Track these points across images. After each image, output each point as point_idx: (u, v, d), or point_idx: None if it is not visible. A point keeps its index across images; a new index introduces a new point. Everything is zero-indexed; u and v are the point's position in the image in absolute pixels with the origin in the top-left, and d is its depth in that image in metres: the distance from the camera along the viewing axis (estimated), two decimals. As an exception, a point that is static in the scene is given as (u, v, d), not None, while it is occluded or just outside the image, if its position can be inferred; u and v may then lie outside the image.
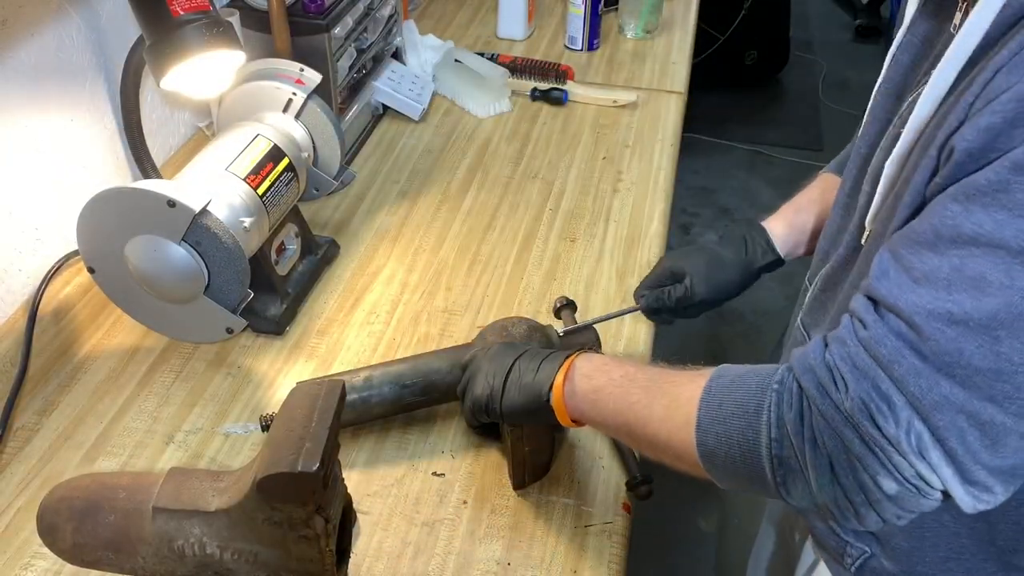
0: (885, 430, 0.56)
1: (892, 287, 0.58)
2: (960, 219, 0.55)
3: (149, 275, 0.99)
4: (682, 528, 2.01)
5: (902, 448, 0.56)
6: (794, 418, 0.61)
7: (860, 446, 0.57)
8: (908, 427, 0.56)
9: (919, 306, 0.56)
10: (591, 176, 1.40)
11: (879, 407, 0.56)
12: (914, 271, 0.57)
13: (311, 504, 0.67)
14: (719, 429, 0.65)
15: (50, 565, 0.84)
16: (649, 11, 1.79)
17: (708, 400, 0.66)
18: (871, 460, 0.57)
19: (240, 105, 1.18)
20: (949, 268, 0.55)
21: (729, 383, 0.66)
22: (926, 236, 0.58)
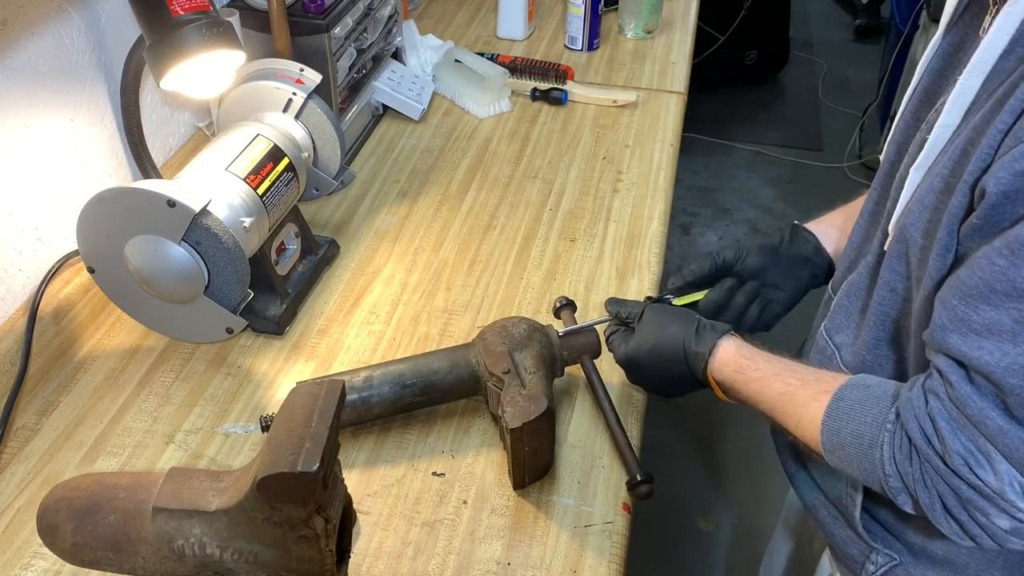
0: (987, 482, 0.59)
1: (959, 343, 0.61)
2: (1011, 272, 0.57)
3: (149, 275, 0.99)
4: (682, 528, 2.01)
5: (1008, 497, 0.59)
6: (903, 460, 0.65)
7: (968, 492, 0.61)
8: (1010, 479, 0.59)
9: (992, 363, 0.58)
10: (591, 176, 1.40)
11: (979, 461, 0.60)
12: (974, 324, 0.60)
13: (311, 504, 0.67)
14: (840, 454, 0.70)
15: (50, 565, 0.84)
16: (649, 11, 1.79)
17: (829, 426, 0.70)
18: (982, 503, 0.61)
19: (240, 105, 1.18)
20: (1011, 321, 0.58)
21: (848, 411, 0.70)
22: (979, 290, 0.59)
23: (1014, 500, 0.59)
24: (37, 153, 1.05)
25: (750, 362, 0.82)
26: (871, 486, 0.69)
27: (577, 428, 0.98)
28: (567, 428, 0.98)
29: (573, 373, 1.02)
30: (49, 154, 1.07)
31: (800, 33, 3.95)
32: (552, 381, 0.94)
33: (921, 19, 2.92)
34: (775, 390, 0.78)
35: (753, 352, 0.83)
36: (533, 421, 0.84)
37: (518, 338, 0.93)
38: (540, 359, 0.92)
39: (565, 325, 1.00)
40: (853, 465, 0.69)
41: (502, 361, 0.90)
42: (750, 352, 0.83)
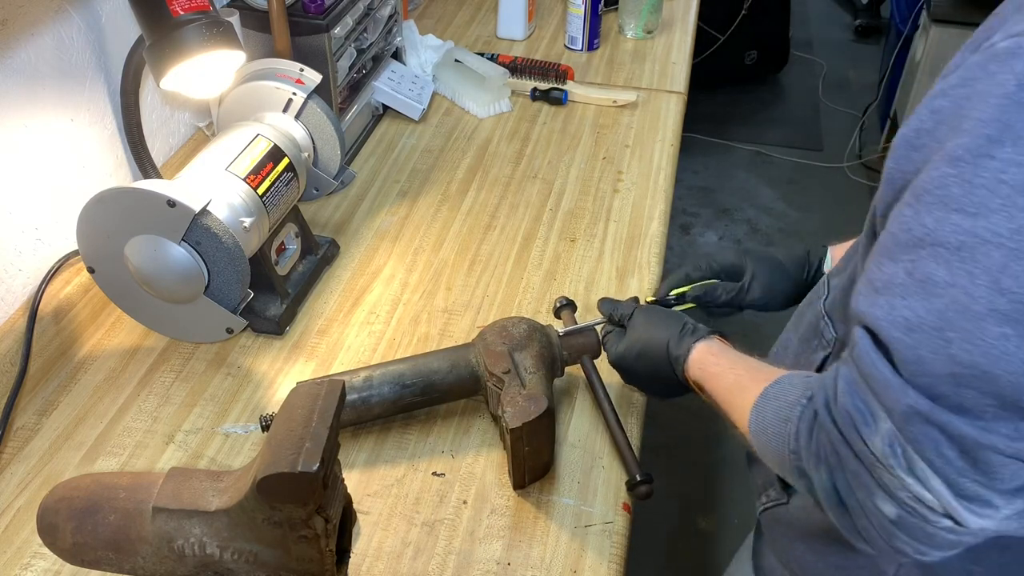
0: (871, 443, 0.56)
1: (861, 301, 0.58)
2: (911, 222, 0.55)
3: (149, 275, 0.99)
4: (682, 528, 2.01)
5: (889, 462, 0.55)
6: (805, 432, 0.62)
7: (855, 463, 0.57)
8: (892, 439, 0.55)
9: (879, 317, 0.55)
10: (591, 176, 1.40)
11: (865, 419, 0.56)
12: (876, 282, 0.57)
13: (311, 504, 0.67)
14: (762, 438, 0.68)
15: (50, 565, 0.84)
16: (649, 11, 1.79)
17: (759, 406, 0.69)
18: (867, 479, 0.57)
19: (240, 105, 1.18)
20: (904, 273, 0.55)
21: (777, 392, 0.68)
22: (886, 245, 0.57)
23: (894, 465, 0.54)
24: (37, 153, 1.05)
25: (714, 358, 0.82)
26: (785, 475, 0.66)
27: (577, 428, 0.98)
28: (567, 428, 0.98)
29: (573, 373, 1.02)
30: (49, 154, 1.07)
31: (800, 33, 3.95)
32: (552, 381, 0.94)
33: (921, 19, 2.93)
34: (727, 382, 0.77)
35: (721, 350, 0.83)
36: (533, 421, 0.84)
37: (518, 338, 0.93)
38: (540, 359, 0.92)
39: (565, 325, 1.00)
40: (771, 450, 0.66)
41: (502, 361, 0.90)
42: (718, 350, 0.83)
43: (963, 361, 0.51)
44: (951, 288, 0.52)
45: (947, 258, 0.52)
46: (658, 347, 0.87)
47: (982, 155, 0.51)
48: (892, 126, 3.12)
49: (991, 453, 0.52)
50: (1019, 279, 0.50)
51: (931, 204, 0.54)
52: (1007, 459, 0.52)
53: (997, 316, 0.50)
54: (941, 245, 0.53)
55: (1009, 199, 0.50)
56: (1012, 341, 0.50)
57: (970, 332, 0.51)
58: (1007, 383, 0.51)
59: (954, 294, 0.52)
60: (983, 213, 0.51)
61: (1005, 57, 0.52)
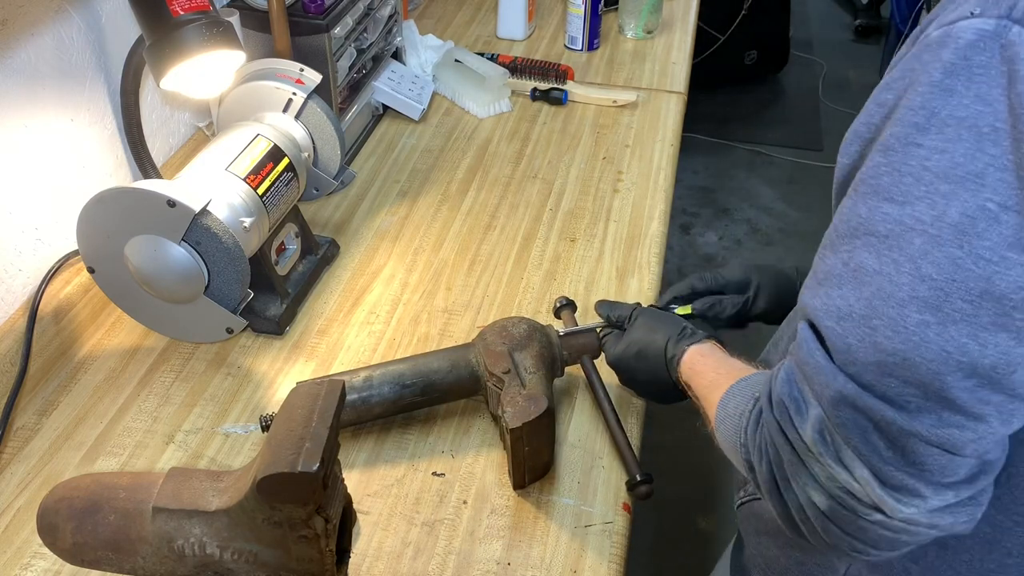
0: (802, 431, 0.56)
1: (806, 293, 0.58)
2: (849, 213, 0.55)
3: (149, 275, 0.99)
4: (682, 528, 2.01)
5: (818, 450, 0.55)
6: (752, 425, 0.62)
7: (789, 453, 0.57)
8: (820, 426, 0.55)
9: (817, 308, 0.56)
10: (591, 176, 1.40)
11: (798, 407, 0.56)
12: (819, 273, 0.57)
13: (311, 504, 0.67)
14: (722, 431, 0.67)
15: (50, 565, 0.84)
16: (649, 11, 1.79)
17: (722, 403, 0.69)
18: (799, 469, 0.56)
19: (240, 105, 1.18)
20: (841, 264, 0.55)
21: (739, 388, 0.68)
22: (829, 237, 0.58)
23: (822, 452, 0.54)
24: (37, 153, 1.05)
25: (702, 359, 0.82)
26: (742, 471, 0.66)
27: (577, 428, 0.98)
28: (567, 428, 0.98)
29: (573, 373, 1.02)
30: (49, 154, 1.07)
31: (800, 33, 3.95)
32: (552, 381, 0.94)
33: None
34: (707, 380, 0.78)
35: (711, 353, 0.83)
36: (533, 421, 0.84)
37: (518, 338, 0.93)
38: (540, 359, 0.92)
39: (565, 325, 1.01)
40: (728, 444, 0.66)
41: (502, 361, 0.91)
42: (708, 352, 0.83)
43: (887, 349, 0.51)
44: (878, 276, 0.52)
45: (876, 247, 0.53)
46: (656, 349, 0.87)
47: (909, 143, 0.52)
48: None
49: (916, 441, 0.52)
50: (939, 266, 0.50)
51: (865, 194, 0.54)
52: (932, 448, 0.52)
53: (918, 303, 0.50)
54: (872, 234, 0.53)
55: (932, 186, 0.50)
56: (932, 328, 0.50)
57: (893, 319, 0.51)
58: (927, 371, 0.50)
59: (880, 282, 0.52)
60: (909, 201, 0.51)
61: (935, 46, 0.52)
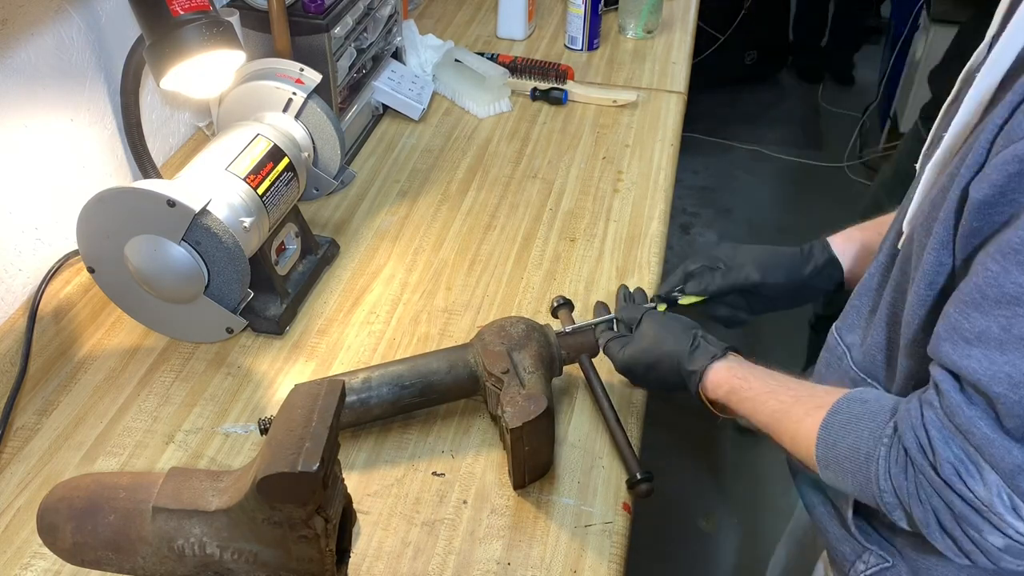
0: (977, 493, 0.59)
1: (950, 351, 0.60)
2: (1001, 279, 0.57)
3: (149, 275, 0.99)
4: (682, 528, 2.01)
5: (996, 510, 0.58)
6: (899, 473, 0.64)
7: (961, 505, 0.60)
8: (998, 489, 0.58)
9: (975, 369, 0.58)
10: (591, 176, 1.40)
11: (968, 471, 0.59)
12: (965, 332, 0.59)
13: (311, 504, 0.67)
14: (835, 469, 0.70)
15: (50, 565, 0.84)
16: (649, 11, 1.79)
17: (825, 439, 0.70)
18: (975, 518, 0.60)
19: (240, 105, 1.18)
20: (999, 328, 0.57)
21: (844, 424, 0.70)
22: (972, 296, 0.59)
23: (1002, 513, 0.58)
24: (37, 153, 1.05)
25: (743, 382, 0.82)
26: (866, 501, 0.69)
27: (577, 428, 0.98)
28: (567, 428, 0.98)
29: (572, 373, 1.02)
30: (49, 154, 1.07)
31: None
32: (551, 381, 0.94)
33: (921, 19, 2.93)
34: (769, 408, 0.78)
35: (747, 371, 0.83)
36: (533, 421, 0.84)
37: (516, 338, 0.93)
38: (539, 359, 0.92)
39: (563, 324, 1.00)
40: (848, 479, 0.69)
41: (501, 361, 0.90)
42: (743, 372, 0.83)
43: None
44: None
45: None
46: (669, 361, 0.89)
47: None
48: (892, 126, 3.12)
49: None
50: None
51: None
52: None
53: None
54: None
55: None
56: None
57: None
58: None
59: None
60: None
61: None
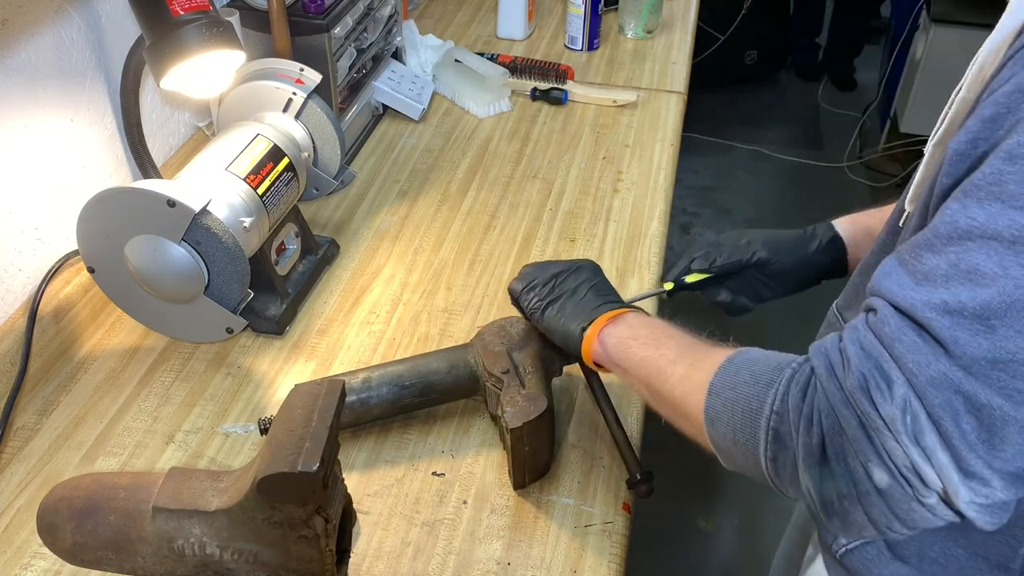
0: (881, 408, 0.55)
1: (894, 286, 0.58)
2: (957, 215, 0.56)
3: (149, 275, 0.99)
4: (682, 528, 2.01)
5: (896, 428, 0.55)
6: (797, 393, 0.61)
7: (856, 427, 0.57)
8: (904, 406, 0.55)
9: (918, 300, 0.56)
10: (591, 176, 1.40)
11: (878, 384, 0.56)
12: (916, 274, 0.57)
13: (311, 504, 0.67)
14: (729, 394, 0.65)
15: (50, 565, 0.84)
16: (649, 11, 1.79)
17: (727, 367, 0.67)
18: (864, 444, 0.56)
19: (240, 105, 1.18)
20: (947, 264, 0.55)
21: (752, 358, 0.67)
22: (926, 237, 0.58)
23: (900, 432, 0.54)
24: (37, 153, 1.05)
25: (661, 322, 0.81)
26: (747, 459, 0.65)
27: (577, 428, 0.98)
28: (567, 428, 0.98)
29: (572, 373, 1.02)
30: (49, 154, 1.07)
31: (800, 33, 3.94)
32: (551, 381, 0.94)
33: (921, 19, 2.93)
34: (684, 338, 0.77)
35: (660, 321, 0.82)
36: (533, 421, 0.84)
37: (516, 338, 0.93)
38: (539, 359, 0.92)
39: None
40: (737, 415, 0.64)
41: (501, 361, 0.91)
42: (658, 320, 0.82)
43: (1007, 348, 0.53)
44: (1001, 279, 0.53)
45: (999, 251, 0.53)
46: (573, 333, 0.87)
47: None
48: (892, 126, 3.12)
49: (1013, 430, 0.53)
50: None
51: (983, 199, 0.55)
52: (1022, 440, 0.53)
53: None
54: (993, 238, 0.54)
55: None
56: None
57: (1019, 322, 0.52)
58: None
59: (1004, 285, 0.53)
60: None
61: None
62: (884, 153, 3.15)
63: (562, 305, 0.87)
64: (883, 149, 3.15)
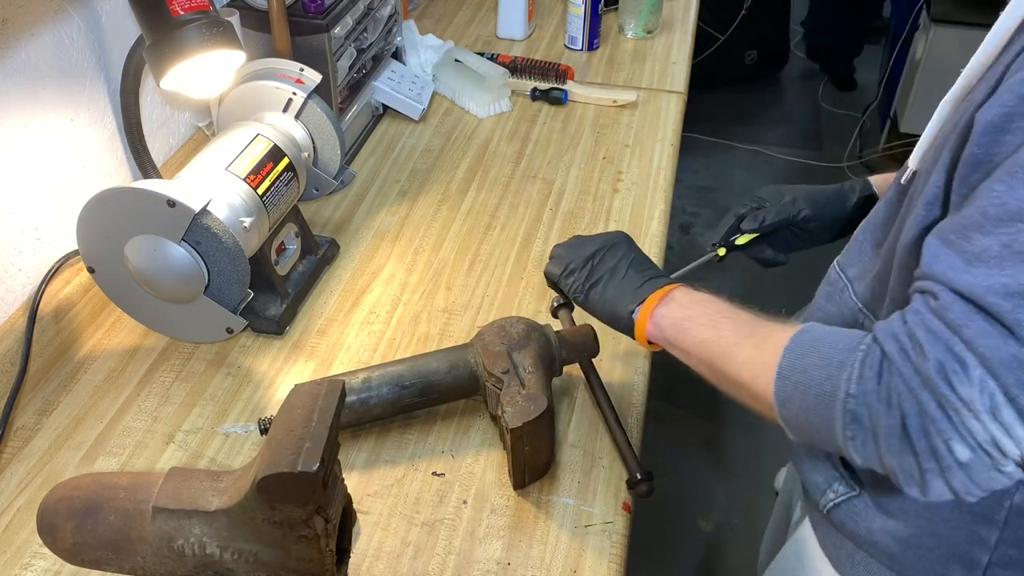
0: (959, 391, 0.57)
1: (947, 269, 0.60)
2: (1006, 197, 0.57)
3: (149, 275, 0.99)
4: (682, 528, 2.01)
5: (975, 407, 0.57)
6: (872, 377, 0.62)
7: (935, 409, 0.59)
8: (981, 386, 0.57)
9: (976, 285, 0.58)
10: (591, 176, 1.40)
11: (954, 368, 0.58)
12: (966, 254, 0.59)
13: (311, 504, 0.67)
14: (799, 377, 0.67)
15: (50, 565, 0.84)
16: (649, 11, 1.79)
17: (794, 348, 0.68)
18: (945, 424, 0.58)
19: (240, 105, 1.18)
20: (999, 246, 0.57)
21: (817, 337, 0.68)
22: (974, 218, 0.59)
23: (980, 411, 0.57)
24: (37, 153, 1.05)
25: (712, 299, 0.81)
26: (821, 435, 0.66)
27: (577, 428, 0.98)
28: (567, 428, 0.98)
29: (572, 373, 1.02)
30: (49, 154, 1.07)
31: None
32: (551, 381, 0.94)
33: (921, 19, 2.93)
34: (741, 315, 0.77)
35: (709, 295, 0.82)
36: (533, 421, 0.84)
37: (516, 338, 0.93)
38: (539, 359, 0.92)
39: (563, 325, 1.01)
40: (810, 398, 0.66)
41: (501, 361, 0.91)
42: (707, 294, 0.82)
43: None
44: None
45: None
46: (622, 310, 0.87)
47: None
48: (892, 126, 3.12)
49: None
50: None
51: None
52: None
53: None
54: None
55: None
56: None
57: None
58: None
59: None
60: None
61: None
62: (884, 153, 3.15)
63: (604, 287, 0.87)
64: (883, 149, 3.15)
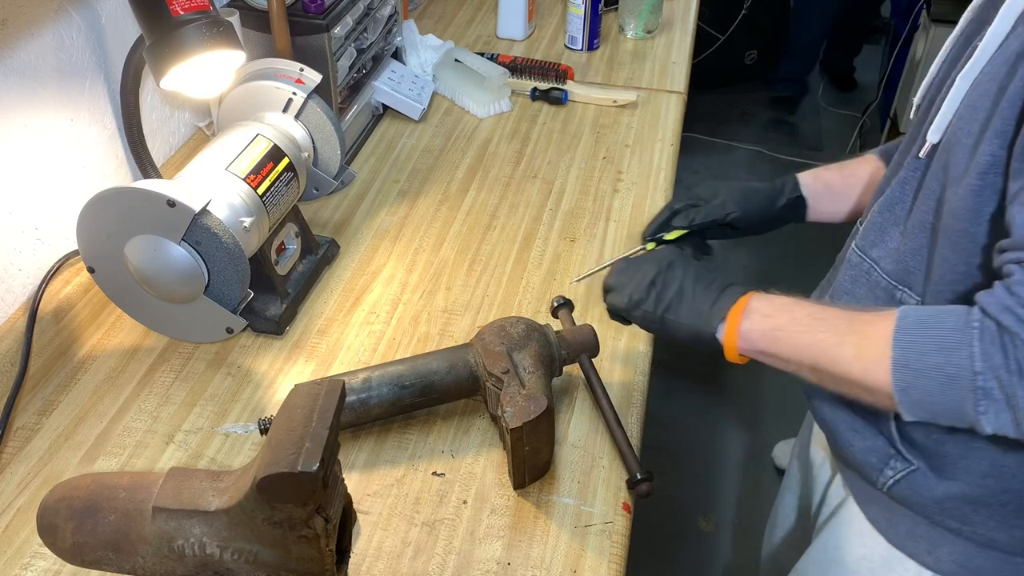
0: None
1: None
2: None
3: (149, 275, 0.99)
4: (682, 528, 2.01)
5: None
6: (996, 352, 0.64)
7: None
8: None
9: None
10: (591, 176, 1.40)
11: None
12: None
13: (311, 504, 0.68)
14: (917, 364, 0.68)
15: (50, 565, 0.84)
16: (649, 11, 1.79)
17: (902, 339, 0.69)
18: None
19: (240, 105, 1.18)
20: None
21: (921, 322, 0.69)
22: None
23: None
24: (37, 153, 1.05)
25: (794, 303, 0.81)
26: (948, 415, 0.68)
27: (577, 428, 0.98)
28: (567, 428, 0.98)
29: (572, 373, 1.02)
30: (49, 154, 1.07)
31: (800, 33, 3.94)
32: (551, 380, 0.94)
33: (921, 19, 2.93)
34: (830, 314, 0.77)
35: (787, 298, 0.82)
36: (533, 421, 0.84)
37: (516, 338, 0.93)
38: (539, 359, 0.92)
39: (563, 325, 1.01)
40: (933, 382, 0.67)
41: (501, 361, 0.91)
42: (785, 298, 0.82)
43: None
44: None
45: None
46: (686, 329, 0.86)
47: None
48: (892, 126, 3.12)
49: None
50: None
51: None
52: None
53: None
54: None
55: None
56: None
57: None
58: None
59: None
60: None
61: None
62: (884, 153, 3.14)
63: (677, 312, 0.85)
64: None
